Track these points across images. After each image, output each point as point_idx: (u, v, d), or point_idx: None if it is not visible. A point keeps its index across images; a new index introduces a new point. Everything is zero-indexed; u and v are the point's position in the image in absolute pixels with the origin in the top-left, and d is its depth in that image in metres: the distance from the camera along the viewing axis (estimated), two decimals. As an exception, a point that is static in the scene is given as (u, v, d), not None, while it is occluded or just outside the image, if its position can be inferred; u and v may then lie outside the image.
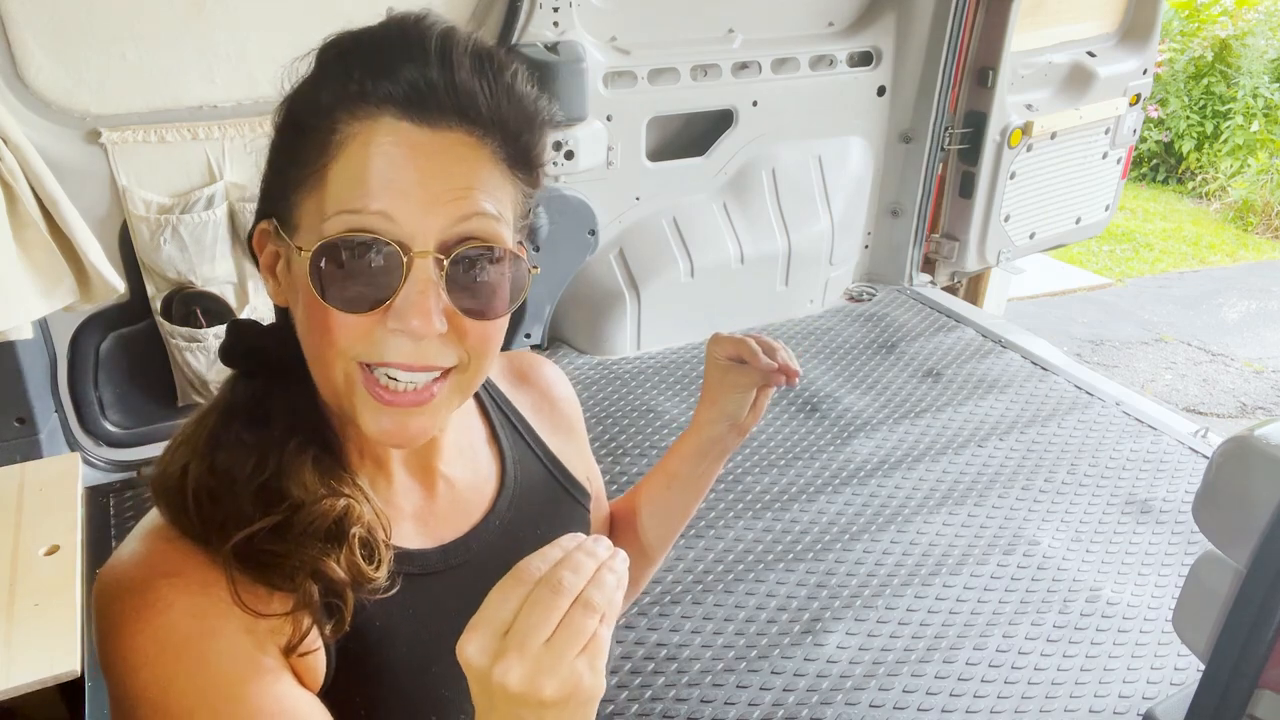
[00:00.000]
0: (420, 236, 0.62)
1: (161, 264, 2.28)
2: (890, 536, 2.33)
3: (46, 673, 1.40)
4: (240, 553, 0.64)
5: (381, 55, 0.63)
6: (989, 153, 3.46)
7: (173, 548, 0.65)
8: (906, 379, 3.08)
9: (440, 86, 0.62)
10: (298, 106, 0.66)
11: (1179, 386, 4.60)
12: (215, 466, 0.67)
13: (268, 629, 0.64)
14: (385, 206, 0.61)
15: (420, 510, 0.78)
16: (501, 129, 0.65)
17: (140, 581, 0.63)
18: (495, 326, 0.68)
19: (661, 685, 1.88)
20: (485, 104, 0.64)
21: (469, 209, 0.63)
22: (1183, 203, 7.50)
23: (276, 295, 0.71)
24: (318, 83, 0.65)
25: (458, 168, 0.63)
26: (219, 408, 0.71)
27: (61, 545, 1.67)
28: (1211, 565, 1.39)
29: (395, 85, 0.62)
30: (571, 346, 3.18)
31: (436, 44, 0.63)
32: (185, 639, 0.61)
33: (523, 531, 0.84)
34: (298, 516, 0.66)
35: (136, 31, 2.17)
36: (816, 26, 3.25)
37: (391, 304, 0.63)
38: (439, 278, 0.63)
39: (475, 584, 0.77)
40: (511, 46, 2.66)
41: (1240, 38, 7.53)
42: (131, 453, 2.48)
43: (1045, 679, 1.93)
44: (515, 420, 0.90)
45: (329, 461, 0.71)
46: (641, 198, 3.08)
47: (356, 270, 0.62)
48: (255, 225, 0.71)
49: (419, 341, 0.63)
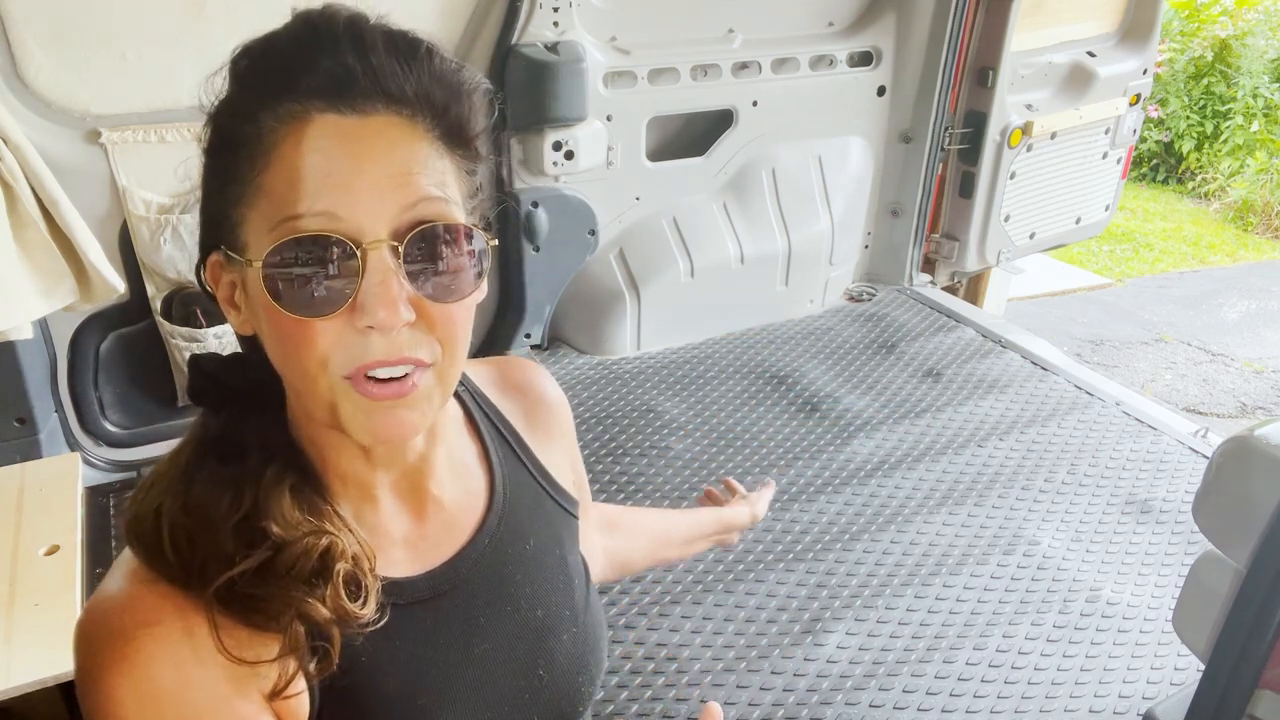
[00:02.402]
0: (370, 227, 0.61)
1: (161, 264, 2.28)
2: (890, 536, 2.32)
3: (46, 673, 1.40)
4: (222, 596, 0.62)
5: (295, 52, 0.62)
6: (989, 153, 3.46)
7: (151, 591, 0.63)
8: (906, 379, 3.08)
9: (359, 71, 0.61)
10: (223, 121, 0.65)
11: (1179, 386, 4.61)
12: (190, 505, 0.65)
13: (251, 672, 0.63)
14: (328, 204, 0.60)
15: (409, 535, 0.76)
16: (429, 105, 0.64)
17: (119, 632, 0.61)
18: (463, 309, 0.66)
19: (661, 685, 1.88)
20: (407, 82, 0.63)
21: (415, 193, 0.62)
22: (1183, 203, 7.50)
23: (241, 326, 0.69)
24: (238, 93, 0.64)
25: (394, 152, 0.62)
26: (191, 444, 0.69)
27: (61, 545, 1.67)
28: (1211, 565, 1.39)
29: (314, 78, 0.61)
30: (571, 346, 3.18)
31: (346, 30, 0.62)
32: (163, 693, 0.60)
33: (511, 547, 0.82)
34: (280, 556, 0.64)
35: (136, 31, 2.17)
36: (816, 26, 3.25)
37: (355, 301, 0.61)
38: (397, 266, 0.61)
39: (463, 608, 0.77)
40: (511, 46, 2.66)
41: (1240, 38, 7.53)
42: (131, 453, 2.48)
43: (1045, 679, 1.93)
44: (505, 431, 0.88)
45: (308, 491, 0.69)
46: (641, 198, 3.08)
47: (312, 273, 0.60)
48: (203, 259, 0.69)
49: (390, 335, 0.62)
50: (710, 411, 2.86)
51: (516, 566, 0.82)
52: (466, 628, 0.77)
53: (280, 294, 0.61)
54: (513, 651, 0.79)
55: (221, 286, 0.69)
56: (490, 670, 0.77)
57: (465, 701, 0.75)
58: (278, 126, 0.62)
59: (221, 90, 0.65)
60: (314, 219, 0.60)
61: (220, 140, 0.65)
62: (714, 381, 3.02)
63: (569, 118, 2.72)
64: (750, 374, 3.07)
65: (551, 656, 0.82)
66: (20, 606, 1.53)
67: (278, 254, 0.61)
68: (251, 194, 0.63)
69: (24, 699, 1.40)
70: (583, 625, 0.86)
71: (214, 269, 0.68)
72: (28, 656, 1.42)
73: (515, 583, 0.81)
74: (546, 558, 0.85)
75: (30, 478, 1.89)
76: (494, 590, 0.80)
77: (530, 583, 0.82)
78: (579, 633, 0.86)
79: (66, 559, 1.64)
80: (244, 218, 0.64)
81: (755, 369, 3.10)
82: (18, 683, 1.38)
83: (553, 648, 0.83)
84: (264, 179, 0.62)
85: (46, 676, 1.40)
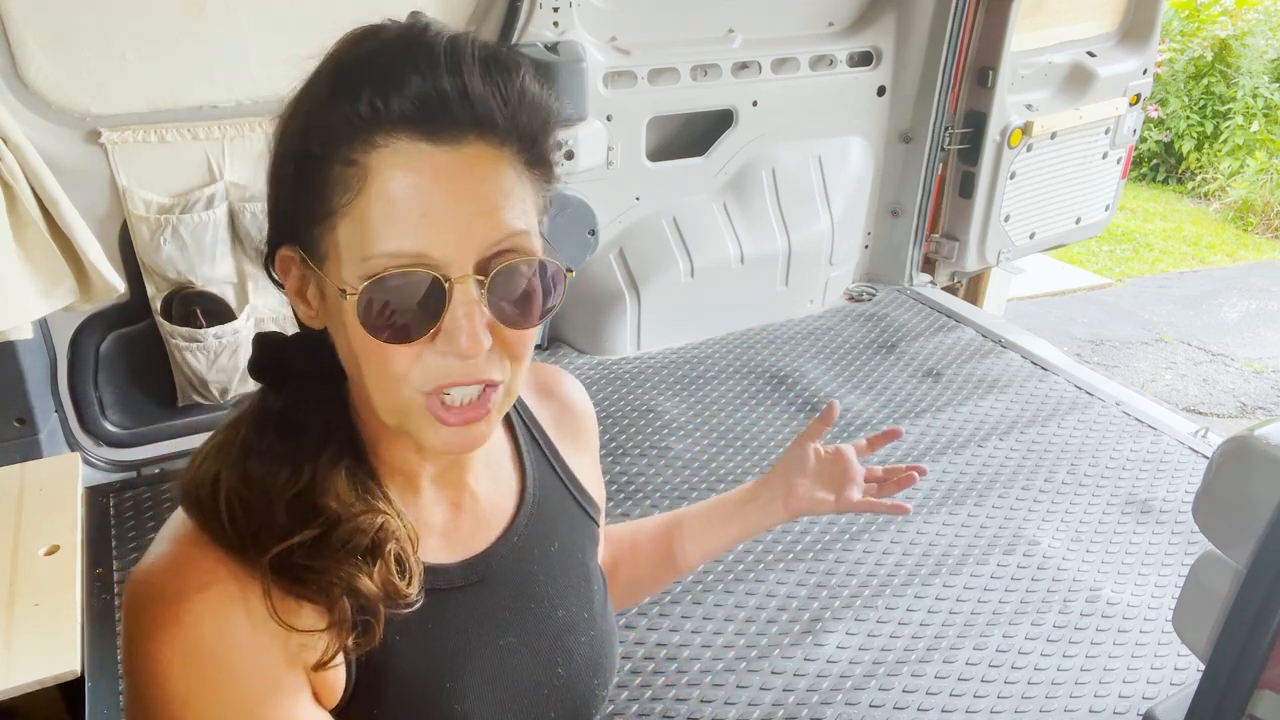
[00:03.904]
0: (458, 262, 0.62)
1: (161, 264, 2.28)
2: (890, 536, 2.32)
3: (46, 673, 1.40)
4: (275, 565, 0.64)
5: (389, 69, 0.61)
6: (989, 153, 3.46)
7: (204, 555, 0.65)
8: (906, 379, 3.08)
9: (453, 97, 0.61)
10: (308, 130, 0.64)
11: (1179, 386, 4.61)
12: (249, 476, 0.67)
13: (298, 643, 0.65)
14: (422, 241, 0.61)
15: (446, 526, 0.79)
16: (519, 134, 0.64)
17: (171, 593, 0.63)
18: (535, 332, 0.69)
19: (661, 685, 1.88)
20: (500, 111, 0.63)
21: (501, 228, 0.63)
22: (1183, 203, 7.50)
23: (310, 319, 0.71)
24: (326, 106, 0.63)
25: (484, 185, 0.63)
26: (251, 417, 0.71)
27: (61, 545, 1.67)
28: (1211, 565, 1.39)
29: (406, 102, 0.60)
30: (571, 346, 3.18)
31: (445, 51, 0.61)
32: (209, 656, 0.62)
33: (538, 548, 0.84)
34: (335, 531, 0.66)
35: (136, 31, 2.17)
36: (816, 26, 3.25)
37: (439, 329, 0.63)
38: (480, 297, 0.63)
39: (491, 600, 0.79)
40: (511, 46, 2.66)
41: (1240, 38, 7.53)
42: (131, 453, 2.48)
43: (1045, 679, 1.93)
44: (538, 435, 0.90)
45: (361, 475, 0.71)
46: (641, 198, 3.08)
47: (402, 305, 0.63)
48: (274, 249, 0.70)
49: (468, 360, 0.64)
50: (710, 411, 2.86)
51: (542, 566, 0.84)
52: (494, 619, 0.79)
53: (373, 325, 0.63)
54: (535, 648, 0.81)
55: (291, 279, 0.70)
56: (513, 664, 0.79)
57: (488, 690, 0.77)
58: (369, 152, 0.61)
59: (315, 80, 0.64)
60: (403, 253, 0.62)
61: (303, 150, 0.64)
62: (714, 381, 3.02)
63: (569, 118, 2.72)
64: (750, 374, 3.07)
65: (570, 656, 0.84)
66: (20, 606, 1.52)
67: (373, 289, 0.62)
68: (339, 218, 0.63)
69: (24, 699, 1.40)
70: (600, 629, 0.88)
71: (284, 262, 0.70)
72: (28, 656, 1.42)
73: (540, 582, 0.84)
74: (570, 560, 0.88)
75: (30, 478, 1.88)
76: (520, 587, 0.82)
77: (553, 583, 0.85)
78: (596, 636, 0.88)
79: (66, 559, 1.64)
80: (326, 235, 0.65)
81: (755, 369, 3.10)
82: (18, 683, 1.38)
83: (571, 648, 0.85)
84: (354, 208, 0.62)
85: (46, 676, 1.40)
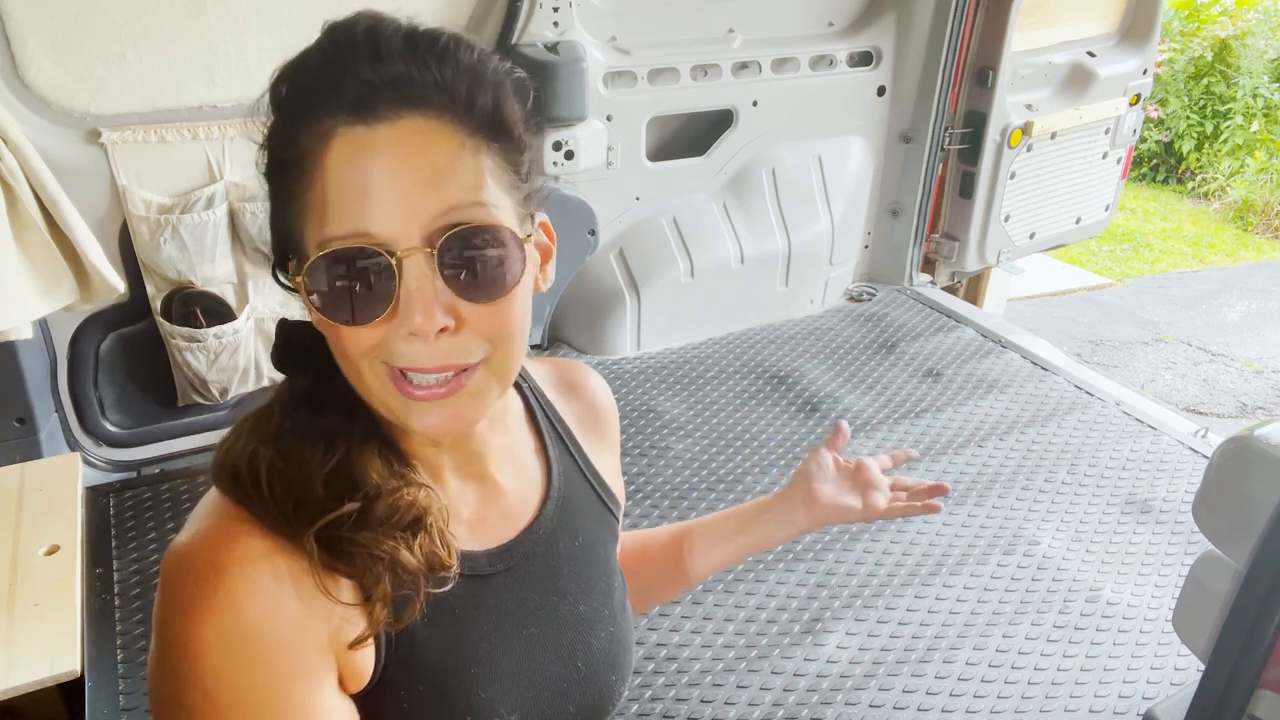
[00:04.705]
0: (403, 235, 0.62)
1: (161, 264, 2.28)
2: (890, 536, 2.32)
3: (46, 673, 1.40)
4: (319, 539, 0.64)
5: (322, 70, 0.64)
6: (989, 153, 3.46)
7: (244, 529, 0.65)
8: (906, 379, 3.08)
9: (378, 82, 0.62)
10: (271, 144, 0.68)
11: (1179, 386, 4.61)
12: (286, 450, 0.68)
13: (340, 616, 0.65)
14: (361, 217, 0.62)
15: (472, 516, 0.79)
16: (454, 101, 0.64)
17: (213, 569, 0.63)
18: (511, 305, 0.67)
19: (661, 685, 1.88)
20: (427, 83, 0.63)
21: (446, 197, 0.63)
22: (1183, 203, 7.51)
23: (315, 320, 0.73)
24: (277, 117, 0.66)
25: (422, 156, 0.62)
26: (281, 399, 0.72)
27: (61, 545, 1.67)
28: (1211, 565, 1.39)
29: (340, 95, 0.62)
30: (571, 346, 3.18)
31: (363, 41, 0.63)
32: (246, 635, 0.62)
33: (563, 542, 0.85)
34: (376, 505, 0.67)
35: (136, 31, 2.17)
36: (816, 26, 3.25)
37: (395, 308, 0.63)
38: (432, 270, 0.63)
39: (517, 590, 0.80)
40: (511, 46, 2.66)
41: (1240, 38, 7.54)
42: (131, 453, 2.48)
43: (1045, 679, 1.93)
44: (562, 431, 0.91)
45: (391, 455, 0.72)
46: (641, 198, 3.08)
47: (353, 285, 0.63)
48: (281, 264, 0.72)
49: (430, 341, 0.64)
50: (710, 411, 2.86)
51: (565, 560, 0.85)
52: (519, 609, 0.79)
53: (323, 306, 0.65)
54: (557, 640, 0.82)
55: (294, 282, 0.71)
56: (535, 654, 0.80)
57: (510, 679, 0.77)
58: (313, 146, 0.64)
59: (267, 114, 0.67)
60: (349, 233, 0.63)
61: (270, 163, 0.68)
62: (714, 381, 3.02)
63: (569, 118, 2.72)
64: (750, 374, 3.07)
65: (590, 651, 0.85)
66: (20, 606, 1.53)
67: (315, 269, 0.64)
68: (303, 212, 0.66)
69: (24, 699, 1.40)
70: (619, 626, 0.89)
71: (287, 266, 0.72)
72: (28, 656, 1.42)
73: (563, 575, 0.84)
74: (593, 555, 0.88)
75: (30, 478, 1.89)
76: (544, 579, 0.82)
77: (576, 577, 0.85)
78: (615, 632, 0.88)
79: (66, 559, 1.64)
80: (302, 233, 0.67)
81: (755, 369, 3.10)
82: (18, 683, 1.38)
83: (591, 643, 0.85)
84: (308, 197, 0.65)
85: (46, 676, 1.40)
